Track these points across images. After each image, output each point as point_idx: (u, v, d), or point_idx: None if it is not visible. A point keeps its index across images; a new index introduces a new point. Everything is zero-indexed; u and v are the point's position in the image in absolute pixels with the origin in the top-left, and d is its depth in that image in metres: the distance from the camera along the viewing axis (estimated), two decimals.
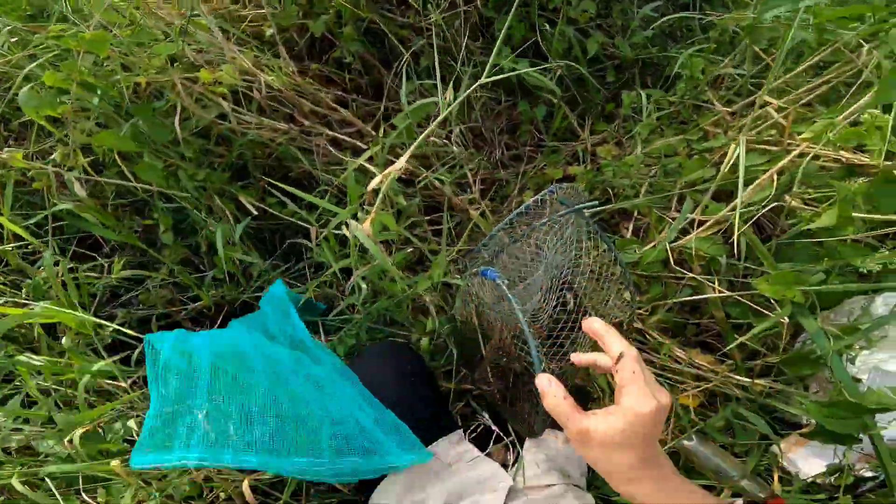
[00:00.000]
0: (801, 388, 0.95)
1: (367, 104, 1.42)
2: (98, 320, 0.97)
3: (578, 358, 0.65)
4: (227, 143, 1.20)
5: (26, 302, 1.01)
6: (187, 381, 0.66)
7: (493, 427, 0.91)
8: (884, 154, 0.68)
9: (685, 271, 0.99)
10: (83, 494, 0.79)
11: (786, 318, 0.85)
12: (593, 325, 0.62)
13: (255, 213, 1.19)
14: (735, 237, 0.78)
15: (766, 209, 0.84)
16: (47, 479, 0.78)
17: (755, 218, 0.85)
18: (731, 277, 0.98)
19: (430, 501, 0.83)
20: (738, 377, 1.02)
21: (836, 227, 0.68)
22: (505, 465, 0.91)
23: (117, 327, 0.95)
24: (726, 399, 1.09)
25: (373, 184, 0.78)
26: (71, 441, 0.78)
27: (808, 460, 1.01)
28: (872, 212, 0.72)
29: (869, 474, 0.96)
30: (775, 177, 0.77)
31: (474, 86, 0.86)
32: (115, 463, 0.72)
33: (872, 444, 0.78)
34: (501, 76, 0.87)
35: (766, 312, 0.90)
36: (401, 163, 0.76)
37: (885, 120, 0.66)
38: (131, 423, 0.87)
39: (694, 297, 1.02)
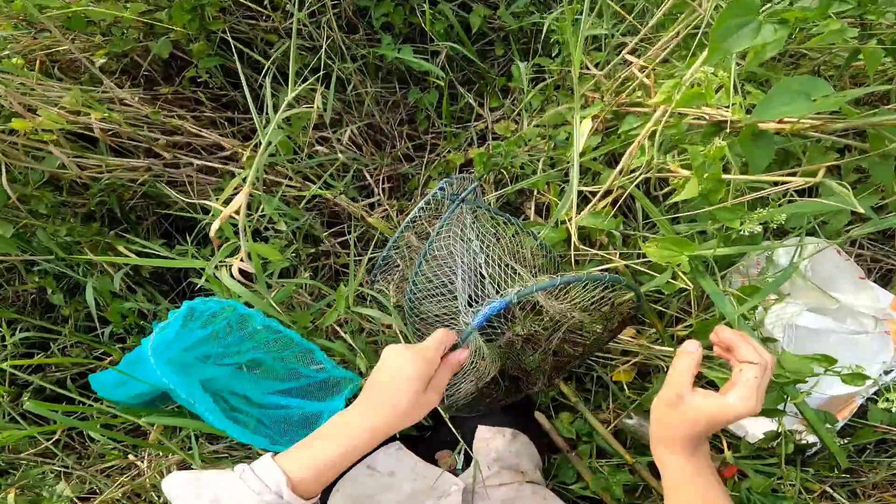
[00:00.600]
0: None
1: (244, 120, 1.31)
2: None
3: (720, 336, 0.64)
4: (87, 191, 1.09)
5: None
6: None
7: (453, 430, 0.89)
8: (744, 108, 0.66)
9: (588, 248, 0.96)
10: None
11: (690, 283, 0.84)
12: (723, 334, 0.62)
13: (136, 260, 1.09)
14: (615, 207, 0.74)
15: (648, 174, 0.82)
16: None
17: (637, 182, 0.82)
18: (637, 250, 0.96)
19: None
20: (661, 348, 1.01)
21: (708, 193, 0.66)
22: (454, 471, 0.89)
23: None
24: (657, 370, 1.09)
25: (213, 228, 0.71)
26: None
27: (755, 421, 1.00)
28: (745, 170, 0.69)
29: (812, 439, 0.96)
30: (647, 142, 0.74)
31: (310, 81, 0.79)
32: None
33: (800, 411, 0.77)
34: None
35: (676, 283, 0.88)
36: (238, 201, 0.69)
37: (725, 79, 0.63)
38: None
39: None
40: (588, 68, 0.94)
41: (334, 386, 1.00)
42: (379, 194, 1.37)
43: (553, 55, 1.16)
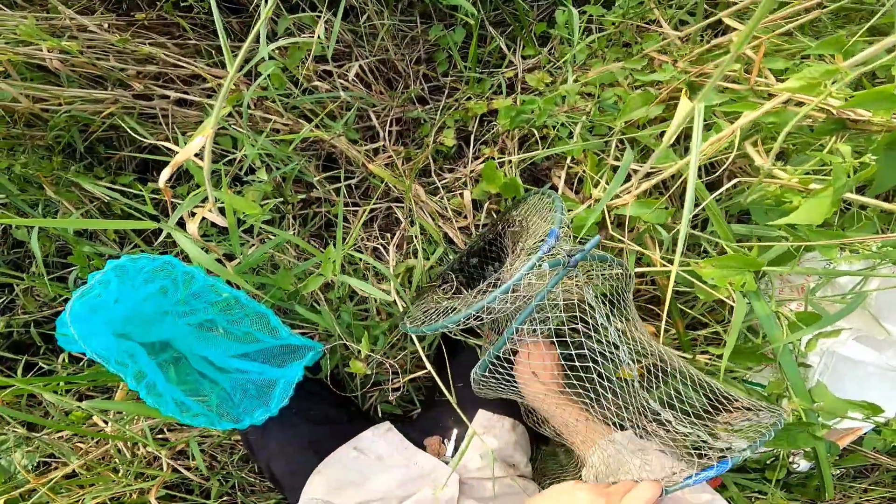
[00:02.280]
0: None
1: (237, 49, 1.12)
2: None
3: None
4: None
5: None
6: None
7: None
8: None
9: (623, 238, 0.81)
10: None
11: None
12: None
13: (100, 195, 0.95)
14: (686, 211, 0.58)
15: (726, 167, 0.65)
16: None
17: (714, 178, 0.66)
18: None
19: (368, 494, 0.77)
20: (678, 353, 0.88)
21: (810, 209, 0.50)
22: (441, 458, 0.84)
23: None
24: (664, 374, 0.97)
25: (162, 177, 0.56)
26: None
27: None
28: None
29: (804, 464, 0.90)
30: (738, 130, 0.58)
31: None
32: None
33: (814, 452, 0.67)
34: None
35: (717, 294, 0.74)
36: (198, 144, 0.54)
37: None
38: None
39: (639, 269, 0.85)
40: (660, 25, 0.75)
41: (295, 350, 0.90)
42: (384, 138, 1.20)
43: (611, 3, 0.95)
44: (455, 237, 1.08)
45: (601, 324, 0.65)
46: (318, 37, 0.78)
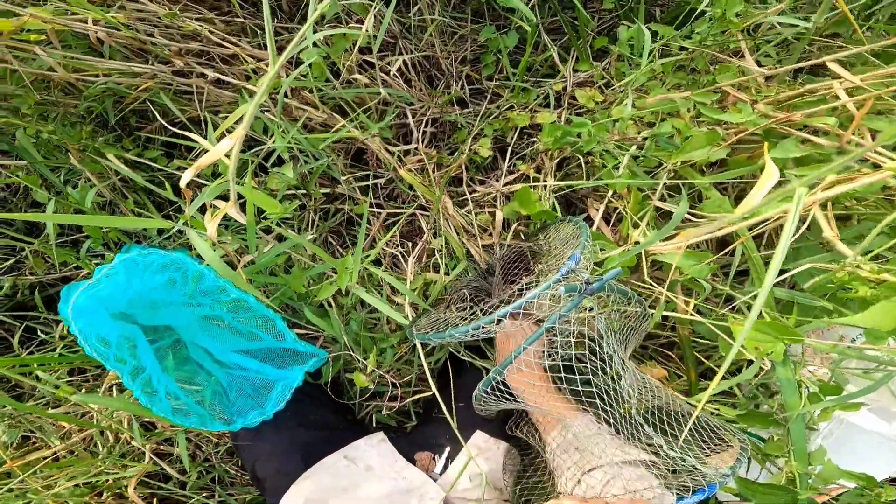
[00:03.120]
0: None
1: (284, 31, 1.07)
2: None
3: None
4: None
5: None
6: None
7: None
8: None
9: (655, 284, 0.75)
10: None
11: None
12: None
13: (125, 170, 0.93)
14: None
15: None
16: None
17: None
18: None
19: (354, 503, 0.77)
20: (685, 400, 0.84)
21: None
22: (431, 475, 0.83)
23: None
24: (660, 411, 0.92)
25: (185, 178, 0.52)
26: None
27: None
28: None
29: None
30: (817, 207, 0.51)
31: None
32: None
33: None
34: None
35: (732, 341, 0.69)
36: (226, 146, 0.50)
37: None
38: None
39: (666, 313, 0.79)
40: (743, 56, 0.68)
41: (298, 354, 0.87)
42: (418, 140, 1.14)
43: (688, 26, 0.87)
44: (477, 254, 1.03)
45: (608, 353, 0.64)
46: (368, 28, 0.74)
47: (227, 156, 0.55)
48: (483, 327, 0.59)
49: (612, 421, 0.63)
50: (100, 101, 0.92)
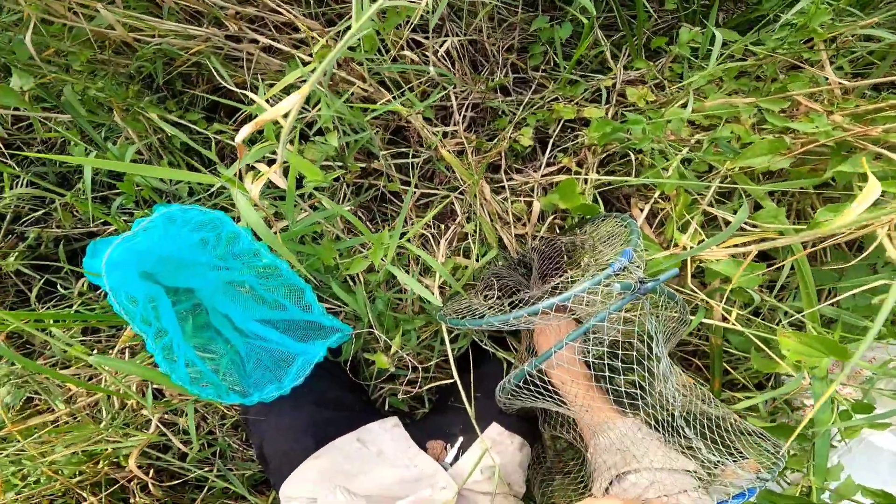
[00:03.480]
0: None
1: (336, 1, 1.06)
2: None
3: None
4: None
5: None
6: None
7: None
8: None
9: (697, 290, 0.72)
10: None
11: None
12: None
13: (170, 127, 0.92)
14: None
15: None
16: None
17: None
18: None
19: (363, 487, 0.76)
20: (724, 407, 0.82)
21: None
22: (441, 463, 0.82)
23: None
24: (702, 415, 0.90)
25: (240, 135, 0.51)
26: None
27: None
28: None
29: None
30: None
31: None
32: None
33: None
34: None
35: (771, 353, 0.68)
36: (289, 104, 0.48)
37: None
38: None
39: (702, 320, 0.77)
40: (823, 66, 0.64)
41: (321, 329, 0.85)
42: (458, 122, 1.12)
43: (755, 32, 0.83)
44: (509, 243, 1.01)
45: (656, 353, 0.63)
46: (426, 4, 0.72)
47: (285, 116, 0.53)
48: (525, 317, 0.57)
49: (658, 427, 0.62)
50: (151, 61, 0.91)
